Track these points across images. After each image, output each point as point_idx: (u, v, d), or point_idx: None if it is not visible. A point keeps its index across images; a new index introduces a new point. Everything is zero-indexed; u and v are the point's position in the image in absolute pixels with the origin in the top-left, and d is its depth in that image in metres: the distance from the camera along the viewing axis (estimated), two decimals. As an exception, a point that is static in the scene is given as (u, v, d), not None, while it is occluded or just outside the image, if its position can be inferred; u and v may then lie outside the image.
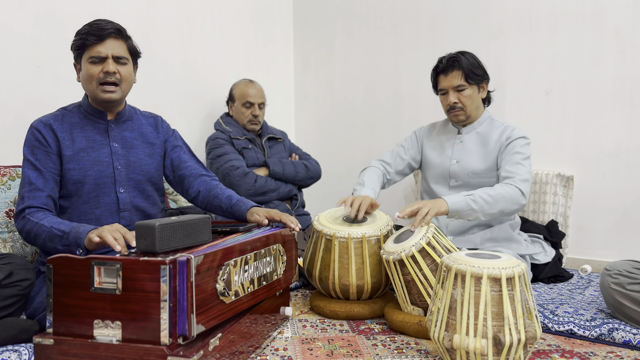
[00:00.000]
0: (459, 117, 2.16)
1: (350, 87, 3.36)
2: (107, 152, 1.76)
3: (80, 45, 1.69)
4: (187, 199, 1.96)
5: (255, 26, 3.26)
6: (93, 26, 1.69)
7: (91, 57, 1.68)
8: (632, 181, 2.51)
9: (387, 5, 3.17)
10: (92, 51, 1.68)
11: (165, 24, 2.68)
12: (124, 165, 1.78)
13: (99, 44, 1.68)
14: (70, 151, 1.70)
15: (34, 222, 1.58)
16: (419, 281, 1.71)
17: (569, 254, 2.64)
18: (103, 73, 1.69)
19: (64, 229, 1.54)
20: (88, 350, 1.21)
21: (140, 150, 1.83)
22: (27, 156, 1.68)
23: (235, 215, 1.85)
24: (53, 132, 1.70)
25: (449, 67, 2.13)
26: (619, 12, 2.49)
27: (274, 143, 2.84)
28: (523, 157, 2.07)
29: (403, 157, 2.32)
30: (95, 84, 1.70)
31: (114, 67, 1.69)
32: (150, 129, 1.90)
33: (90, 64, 1.69)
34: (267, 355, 1.58)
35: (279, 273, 1.68)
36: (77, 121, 1.75)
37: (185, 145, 1.98)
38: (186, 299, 1.19)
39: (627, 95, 2.50)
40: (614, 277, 1.74)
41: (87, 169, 1.71)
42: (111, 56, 1.69)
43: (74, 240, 1.51)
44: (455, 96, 2.12)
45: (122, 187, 1.77)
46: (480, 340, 1.34)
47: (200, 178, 1.92)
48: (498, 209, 1.96)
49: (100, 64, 1.69)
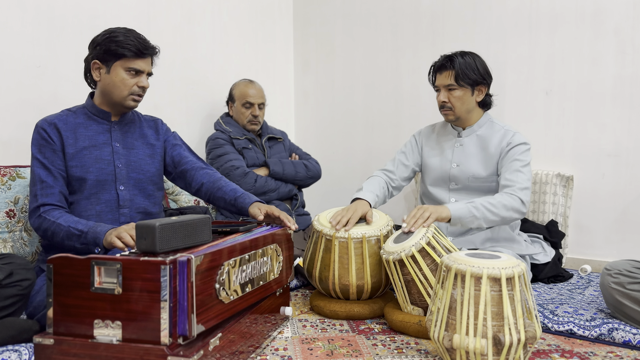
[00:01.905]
0: (448, 116, 2.17)
1: (350, 87, 3.36)
2: (108, 151, 1.80)
3: (119, 54, 1.73)
4: (190, 192, 1.99)
5: (255, 26, 3.26)
6: (140, 41, 1.76)
7: (130, 68, 1.76)
8: (632, 181, 2.51)
9: (387, 5, 3.17)
10: (132, 63, 1.75)
11: (165, 24, 2.68)
12: (124, 164, 1.82)
13: (141, 59, 1.77)
14: (73, 149, 1.75)
15: (51, 221, 1.65)
16: (418, 281, 1.71)
17: (569, 254, 2.64)
18: (138, 87, 1.79)
19: (81, 228, 1.61)
20: (88, 350, 1.21)
21: (140, 150, 1.88)
22: (36, 155, 1.73)
23: (237, 207, 1.87)
24: (57, 131, 1.74)
25: (442, 65, 2.13)
26: (619, 12, 2.49)
27: (274, 143, 2.84)
28: (523, 164, 2.06)
29: (405, 163, 2.31)
30: (127, 92, 1.78)
31: (147, 83, 1.81)
32: (150, 131, 1.95)
33: (127, 74, 1.76)
34: (267, 355, 1.58)
35: (275, 273, 1.68)
36: (81, 121, 1.80)
37: (185, 145, 2.03)
38: (186, 299, 1.19)
39: (627, 96, 2.50)
40: (614, 276, 1.74)
41: (89, 167, 1.76)
42: (147, 72, 1.80)
43: (92, 240, 1.58)
44: (445, 95, 2.13)
45: (122, 184, 1.81)
46: (480, 340, 1.34)
47: (203, 171, 1.96)
48: (499, 217, 1.96)
49: (137, 76, 1.78)
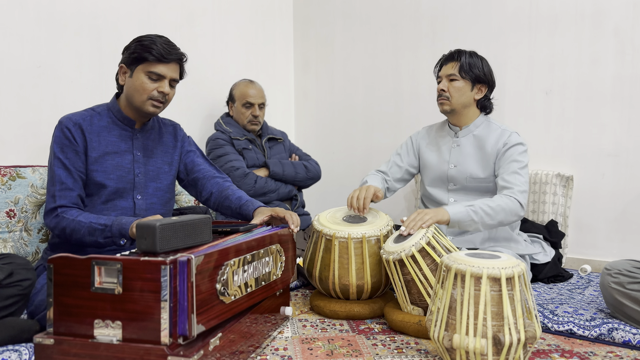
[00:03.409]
0: (443, 105, 2.18)
1: (350, 87, 3.36)
2: (129, 159, 1.80)
3: (143, 58, 1.71)
4: (200, 201, 2.00)
5: (255, 26, 3.26)
6: (165, 46, 1.73)
7: (151, 72, 1.72)
8: (632, 181, 2.51)
9: (387, 5, 3.17)
10: (154, 67, 1.72)
11: (165, 24, 2.68)
12: (143, 173, 1.82)
13: (163, 64, 1.73)
14: (95, 153, 1.74)
15: (70, 219, 1.64)
16: (418, 281, 1.71)
17: (569, 253, 2.64)
18: (158, 92, 1.74)
19: (104, 222, 1.62)
20: (88, 350, 1.21)
21: (159, 159, 1.88)
22: (58, 154, 1.70)
23: (243, 215, 1.87)
24: (82, 132, 1.72)
25: (450, 57, 2.18)
26: (619, 12, 2.50)
27: (274, 143, 2.84)
28: (521, 165, 2.06)
29: (400, 164, 2.32)
30: (146, 97, 1.74)
31: (168, 89, 1.76)
32: (170, 137, 1.94)
33: (148, 78, 1.73)
34: (267, 355, 1.58)
35: (277, 273, 1.68)
36: (105, 125, 1.78)
37: (198, 150, 2.02)
38: (187, 299, 1.19)
39: (627, 96, 2.50)
40: (614, 276, 1.74)
41: (110, 173, 1.75)
42: (169, 78, 1.76)
43: (117, 232, 1.59)
44: (445, 84, 2.15)
45: (139, 193, 1.81)
46: (480, 340, 1.34)
47: (213, 180, 1.95)
48: (497, 220, 1.96)
49: (158, 81, 1.74)
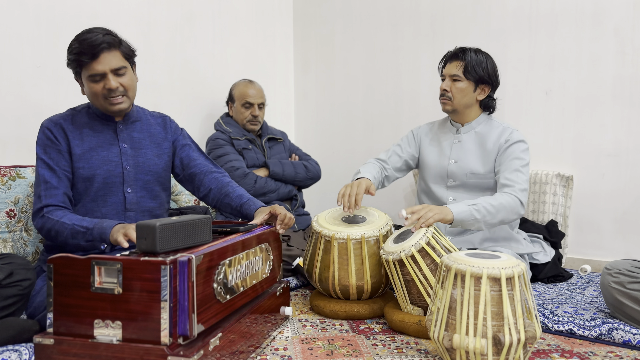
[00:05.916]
0: (445, 105, 2.18)
1: (350, 87, 3.36)
2: (116, 152, 1.76)
3: (77, 65, 1.66)
4: (198, 197, 1.95)
5: (255, 26, 3.26)
6: (83, 43, 1.62)
7: (90, 76, 1.65)
8: (632, 181, 2.51)
9: (387, 5, 3.17)
10: (89, 69, 1.64)
11: (165, 24, 2.68)
12: (132, 166, 1.79)
13: (95, 62, 1.63)
14: (79, 150, 1.72)
15: (55, 221, 1.61)
16: (418, 281, 1.71)
17: (569, 253, 2.64)
18: (106, 90, 1.66)
19: (86, 225, 1.57)
20: (88, 350, 1.21)
21: (148, 150, 1.84)
22: (40, 155, 1.69)
23: (243, 215, 1.85)
24: (63, 131, 1.71)
25: (454, 56, 2.16)
26: (619, 12, 2.49)
27: (274, 143, 2.84)
28: (522, 163, 2.06)
29: (400, 154, 2.32)
30: (101, 99, 1.69)
31: (116, 82, 1.67)
32: (158, 129, 1.90)
33: (92, 82, 1.66)
34: (267, 354, 1.58)
35: (266, 272, 1.68)
36: (86, 121, 1.76)
37: (194, 144, 1.98)
38: (187, 299, 1.19)
39: (627, 96, 2.50)
40: (615, 276, 1.74)
41: (96, 168, 1.72)
42: (109, 71, 1.65)
43: (97, 236, 1.55)
44: (448, 84, 2.14)
45: (129, 187, 1.77)
46: (480, 340, 1.34)
47: (211, 175, 1.91)
48: (499, 219, 1.96)
49: (102, 80, 1.66)
